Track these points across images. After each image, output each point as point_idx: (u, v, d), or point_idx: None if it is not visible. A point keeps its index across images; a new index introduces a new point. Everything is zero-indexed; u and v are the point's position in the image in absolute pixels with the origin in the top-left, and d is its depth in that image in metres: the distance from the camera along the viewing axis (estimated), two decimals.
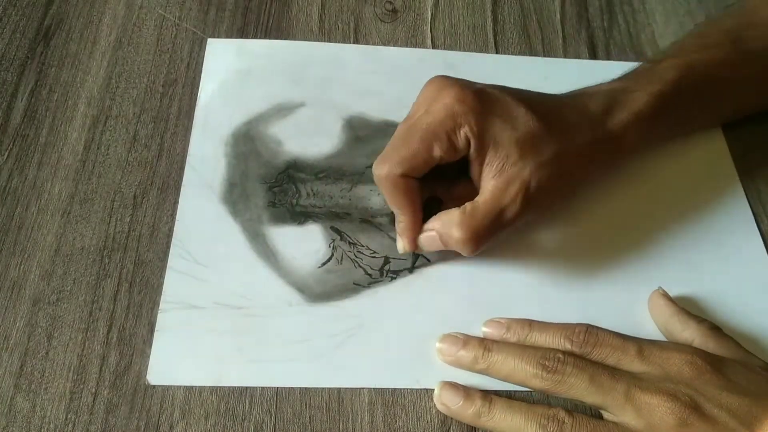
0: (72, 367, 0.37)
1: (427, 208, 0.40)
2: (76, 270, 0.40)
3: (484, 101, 0.38)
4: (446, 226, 0.38)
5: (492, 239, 0.38)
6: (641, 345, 0.35)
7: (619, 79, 0.43)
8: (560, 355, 0.35)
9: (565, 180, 0.39)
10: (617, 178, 0.45)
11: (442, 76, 0.39)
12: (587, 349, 0.36)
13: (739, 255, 0.43)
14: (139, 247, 0.41)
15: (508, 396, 0.37)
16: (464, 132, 0.37)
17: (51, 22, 0.51)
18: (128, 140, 0.46)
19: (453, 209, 0.38)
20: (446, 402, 0.36)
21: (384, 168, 0.38)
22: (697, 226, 0.44)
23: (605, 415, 0.35)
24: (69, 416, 0.36)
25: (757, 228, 0.44)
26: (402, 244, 0.40)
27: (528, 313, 0.40)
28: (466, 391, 0.36)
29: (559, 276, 0.42)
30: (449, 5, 0.54)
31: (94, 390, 0.37)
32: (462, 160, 0.39)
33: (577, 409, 0.35)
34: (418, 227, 0.39)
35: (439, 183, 0.41)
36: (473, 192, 0.39)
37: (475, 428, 0.36)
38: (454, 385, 0.37)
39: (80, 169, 0.44)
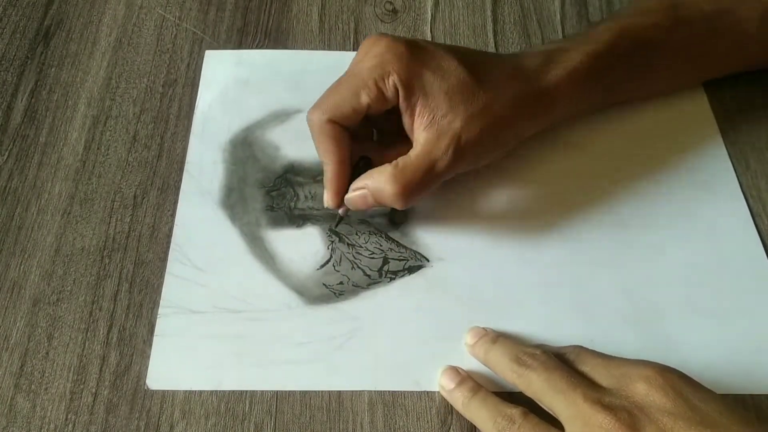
0: (72, 367, 0.37)
1: (358, 171, 0.40)
2: (77, 270, 0.40)
3: (414, 51, 0.38)
4: (378, 182, 0.38)
5: (425, 192, 0.38)
6: (610, 357, 0.34)
7: (554, 41, 0.44)
8: (537, 352, 0.35)
9: (496, 132, 0.39)
10: (608, 176, 0.45)
11: (380, 33, 0.40)
12: (566, 349, 0.36)
13: (733, 246, 0.43)
14: (139, 247, 0.41)
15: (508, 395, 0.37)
16: (392, 80, 0.37)
17: (51, 23, 0.51)
18: (128, 140, 0.46)
19: (384, 165, 0.38)
20: (442, 384, 0.37)
21: (314, 114, 0.39)
22: (690, 216, 0.44)
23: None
24: (69, 416, 0.36)
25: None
26: (327, 197, 0.40)
27: (527, 313, 0.40)
28: (462, 378, 0.37)
29: (558, 275, 0.41)
30: (449, 5, 0.54)
31: (94, 390, 0.37)
32: (398, 123, 0.39)
33: (543, 413, 0.34)
34: (343, 180, 0.39)
35: (373, 146, 0.41)
36: (406, 154, 0.39)
37: (474, 430, 0.36)
38: (453, 370, 0.37)
39: (80, 169, 0.44)
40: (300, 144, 0.45)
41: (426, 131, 0.38)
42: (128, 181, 0.44)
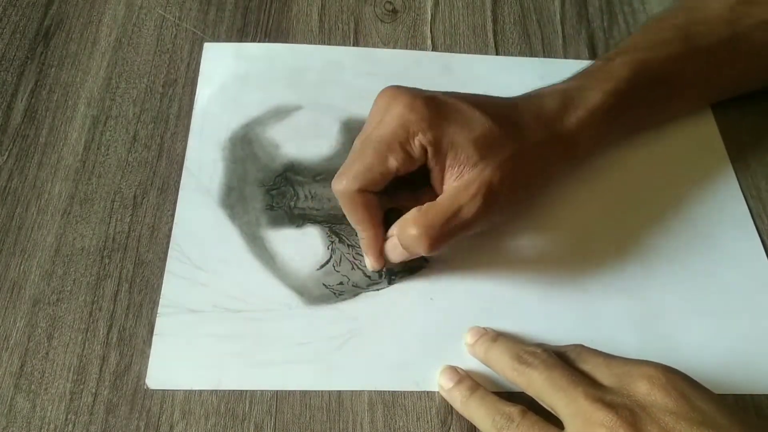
0: (72, 368, 0.37)
1: (389, 221, 0.39)
2: (76, 270, 0.40)
3: (435, 107, 0.37)
4: (402, 226, 0.37)
5: (450, 239, 0.37)
6: (612, 356, 0.34)
7: (574, 78, 0.43)
8: (538, 351, 0.35)
9: (524, 180, 0.39)
10: (608, 179, 0.45)
11: (393, 86, 0.39)
12: (568, 347, 0.36)
13: (733, 247, 0.43)
14: (139, 247, 0.41)
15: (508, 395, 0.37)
16: (418, 140, 0.37)
17: (51, 23, 0.51)
18: (128, 140, 0.46)
19: (411, 210, 0.37)
20: (441, 383, 0.37)
21: (341, 183, 0.37)
22: (689, 216, 0.44)
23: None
24: (69, 416, 0.36)
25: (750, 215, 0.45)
26: (369, 262, 0.40)
27: (527, 314, 0.40)
28: (461, 377, 0.37)
29: (557, 275, 0.42)
30: (449, 5, 0.54)
31: (94, 390, 0.37)
32: (424, 170, 0.38)
33: (542, 412, 0.34)
34: (380, 241, 0.39)
35: (403, 195, 0.40)
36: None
37: (474, 430, 0.36)
38: (452, 369, 0.37)
39: (80, 169, 0.44)
40: (300, 142, 0.45)
41: (456, 181, 0.37)
42: (128, 182, 0.44)
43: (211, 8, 0.53)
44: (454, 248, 0.42)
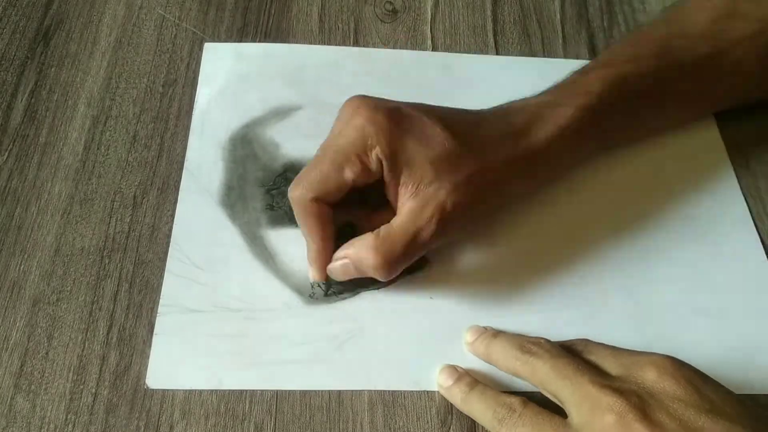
0: (72, 368, 0.37)
1: (342, 237, 0.39)
2: (76, 270, 0.40)
3: (396, 120, 0.37)
4: (359, 252, 0.36)
5: (407, 262, 0.37)
6: (618, 349, 0.34)
7: (546, 92, 0.42)
8: (542, 341, 0.35)
9: (483, 199, 0.38)
10: (608, 176, 0.45)
11: (359, 96, 0.38)
12: (575, 340, 0.36)
13: (733, 246, 0.43)
14: (139, 247, 0.41)
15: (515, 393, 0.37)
16: (375, 153, 0.36)
17: (51, 22, 0.51)
18: (128, 140, 0.46)
19: (366, 234, 0.37)
20: (440, 382, 0.37)
21: (296, 190, 0.37)
22: (689, 215, 0.44)
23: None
24: (69, 416, 0.36)
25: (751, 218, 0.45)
26: (312, 273, 0.39)
27: (527, 312, 0.40)
28: (459, 374, 0.37)
29: (556, 275, 0.42)
30: (449, 5, 0.54)
31: (94, 390, 0.37)
32: (382, 186, 0.38)
33: (547, 404, 0.34)
34: (327, 255, 0.38)
35: (357, 211, 0.40)
36: (391, 219, 0.37)
37: (474, 429, 0.36)
38: (450, 367, 0.37)
39: (80, 169, 0.44)
40: (300, 142, 0.45)
41: (410, 201, 0.36)
42: (128, 181, 0.44)
43: (211, 8, 0.53)
44: (453, 249, 0.42)
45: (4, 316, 0.39)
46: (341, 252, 0.38)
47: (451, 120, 0.38)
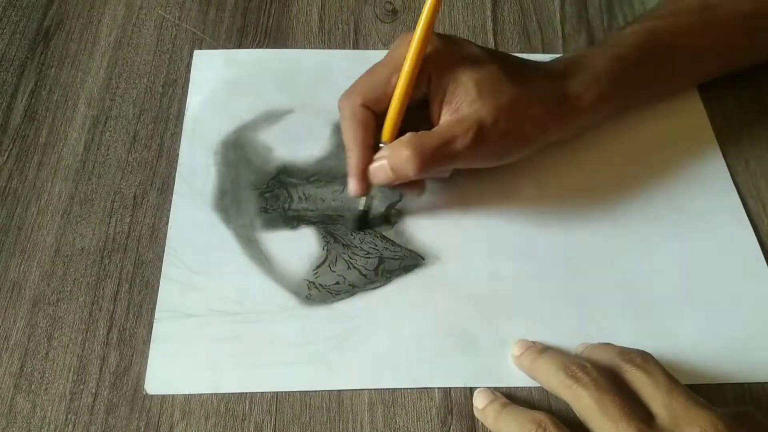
0: (72, 368, 0.37)
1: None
2: (76, 270, 0.40)
3: (448, 43, 0.39)
4: (395, 149, 0.38)
5: (439, 165, 0.38)
6: (674, 388, 0.32)
7: (583, 48, 0.44)
8: (587, 365, 0.33)
9: (520, 129, 0.40)
10: (601, 170, 0.45)
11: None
12: (629, 364, 0.34)
13: (726, 239, 0.43)
14: (139, 247, 0.41)
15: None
16: (425, 68, 0.38)
17: (51, 23, 0.51)
18: (128, 141, 0.46)
19: (403, 135, 0.38)
20: (476, 404, 0.37)
21: (348, 97, 0.39)
22: (682, 207, 0.44)
23: None
24: (69, 417, 0.36)
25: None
26: (352, 184, 0.40)
27: (523, 308, 0.40)
28: (493, 396, 0.36)
29: (552, 270, 0.42)
30: (449, 5, 0.54)
31: (94, 390, 0.37)
32: (425, 118, 0.39)
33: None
34: (366, 164, 0.39)
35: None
36: None
37: (474, 430, 0.36)
38: (486, 391, 0.37)
39: (80, 169, 0.44)
40: (292, 145, 0.45)
41: (451, 115, 0.38)
42: (128, 182, 0.44)
43: (211, 8, 0.53)
44: (448, 245, 0.42)
45: (4, 317, 0.39)
46: (379, 154, 0.39)
47: (497, 54, 0.41)
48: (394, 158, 0.38)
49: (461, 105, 0.38)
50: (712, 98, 0.49)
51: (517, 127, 0.39)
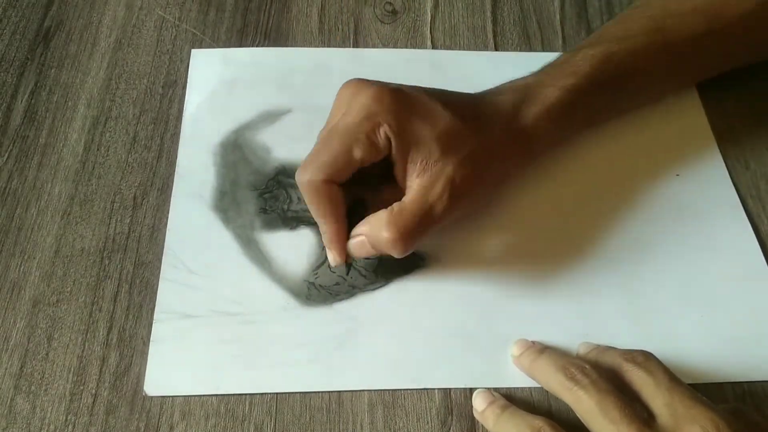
0: (72, 369, 0.37)
1: (354, 215, 0.39)
2: (76, 271, 0.40)
3: (401, 100, 0.37)
4: (375, 229, 0.37)
5: (421, 238, 0.37)
6: (675, 387, 0.33)
7: (536, 73, 0.43)
8: (587, 366, 0.34)
9: (485, 176, 0.39)
10: (599, 173, 0.46)
11: (357, 79, 0.39)
12: (631, 363, 0.34)
13: (726, 240, 0.43)
14: (139, 248, 0.41)
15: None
16: (383, 131, 0.37)
17: (51, 24, 0.51)
18: (128, 141, 0.46)
19: (380, 211, 0.37)
20: (475, 406, 0.37)
21: (306, 174, 0.37)
22: (680, 207, 0.44)
23: None
24: (69, 417, 0.36)
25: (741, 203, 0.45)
26: (332, 256, 0.39)
27: (523, 309, 0.40)
28: (493, 398, 0.36)
29: (551, 272, 0.42)
30: (449, 6, 0.54)
31: (94, 391, 0.37)
32: (385, 164, 0.38)
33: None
34: (344, 236, 0.38)
35: (364, 188, 0.40)
36: (399, 194, 0.38)
37: (474, 430, 0.36)
38: (486, 392, 0.37)
39: (80, 170, 0.44)
40: (291, 145, 0.45)
41: (419, 177, 0.37)
42: (128, 182, 0.44)
43: (211, 9, 0.53)
44: (449, 246, 0.42)
45: (4, 317, 0.39)
46: (357, 230, 0.38)
47: (450, 100, 0.39)
48: (376, 240, 0.37)
49: (427, 164, 0.37)
50: (710, 99, 0.49)
51: (485, 170, 0.39)
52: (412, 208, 0.37)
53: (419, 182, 0.37)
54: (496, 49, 0.52)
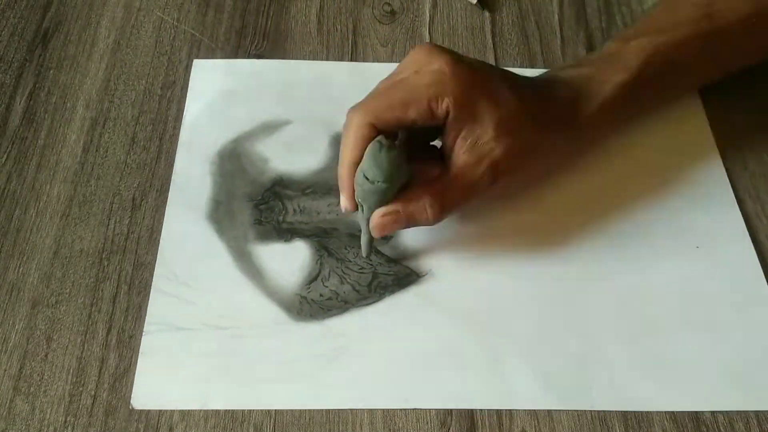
0: (71, 370, 0.37)
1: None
2: (75, 272, 0.40)
3: (472, 76, 0.38)
4: (418, 207, 0.37)
5: (455, 211, 0.39)
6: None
7: (588, 62, 0.43)
8: None
9: (533, 167, 0.41)
10: (600, 186, 0.45)
11: (434, 44, 0.39)
12: None
13: (728, 258, 0.43)
14: (137, 249, 0.41)
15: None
16: (447, 102, 0.37)
17: (49, 25, 0.51)
18: (127, 142, 0.46)
19: (418, 187, 0.38)
20: None
21: (357, 114, 0.37)
22: (681, 226, 0.44)
23: None
24: (68, 419, 0.36)
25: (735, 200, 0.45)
26: (345, 201, 0.39)
27: (519, 328, 0.39)
28: None
29: (549, 290, 0.41)
30: (447, 7, 0.54)
31: (93, 392, 0.37)
32: (430, 138, 0.40)
33: None
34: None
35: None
36: (428, 155, 0.39)
37: (474, 430, 0.36)
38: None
39: (79, 171, 0.44)
40: (289, 156, 0.45)
41: (466, 154, 0.38)
42: (127, 183, 0.44)
43: (210, 10, 0.53)
44: (444, 262, 0.41)
45: (3, 319, 0.39)
46: (391, 207, 0.38)
47: (516, 83, 0.40)
48: (416, 214, 0.38)
49: (477, 143, 0.38)
50: (712, 100, 0.49)
51: (530, 163, 0.40)
52: (455, 186, 0.38)
53: (465, 159, 0.38)
54: (495, 50, 0.52)
